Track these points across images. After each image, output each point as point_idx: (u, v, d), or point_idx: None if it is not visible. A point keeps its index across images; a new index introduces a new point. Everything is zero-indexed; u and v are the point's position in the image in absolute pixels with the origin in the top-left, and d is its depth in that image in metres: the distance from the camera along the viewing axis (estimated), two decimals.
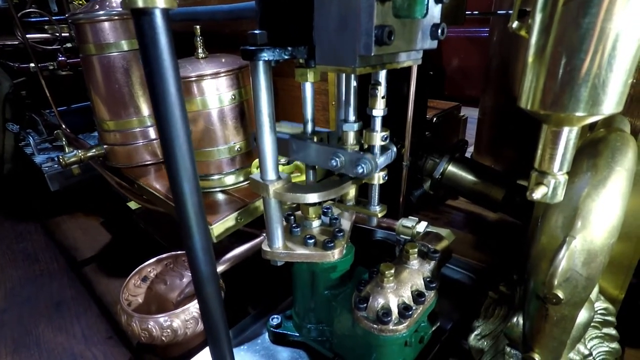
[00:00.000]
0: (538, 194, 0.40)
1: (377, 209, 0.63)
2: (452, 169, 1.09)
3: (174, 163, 0.38)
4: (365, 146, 0.59)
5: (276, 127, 0.55)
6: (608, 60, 0.31)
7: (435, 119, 1.39)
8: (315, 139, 0.60)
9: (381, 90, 0.54)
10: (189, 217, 0.41)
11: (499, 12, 1.26)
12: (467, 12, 1.08)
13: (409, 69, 0.91)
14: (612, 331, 0.67)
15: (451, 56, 2.75)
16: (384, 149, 0.58)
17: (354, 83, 0.57)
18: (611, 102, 0.33)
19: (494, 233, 1.18)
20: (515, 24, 0.41)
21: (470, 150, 1.54)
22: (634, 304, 0.73)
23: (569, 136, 0.37)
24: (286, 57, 0.49)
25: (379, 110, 0.55)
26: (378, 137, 0.56)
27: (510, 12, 0.44)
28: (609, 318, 0.67)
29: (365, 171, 0.54)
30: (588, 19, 0.30)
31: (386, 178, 0.60)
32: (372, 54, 0.42)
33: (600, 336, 0.66)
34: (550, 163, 0.39)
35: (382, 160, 0.56)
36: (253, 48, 0.48)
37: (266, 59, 0.49)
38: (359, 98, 0.59)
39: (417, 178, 1.16)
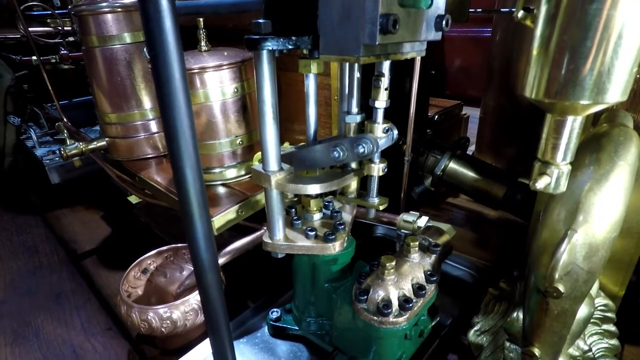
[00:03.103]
0: (541, 183, 0.40)
1: (375, 201, 0.63)
2: (453, 165, 1.09)
3: (177, 149, 0.38)
4: None
5: (280, 151, 0.56)
6: (614, 48, 0.31)
7: (437, 116, 1.40)
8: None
9: (384, 82, 0.54)
10: (191, 204, 0.41)
11: (502, 10, 1.26)
12: (470, 10, 1.08)
13: (411, 66, 0.91)
14: (612, 328, 0.67)
15: (453, 56, 2.75)
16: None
17: (357, 74, 0.57)
18: (616, 91, 0.33)
19: (494, 231, 1.18)
20: (520, 14, 0.41)
21: (471, 149, 1.54)
22: (634, 301, 0.73)
23: (572, 125, 0.37)
24: (290, 46, 0.49)
25: (381, 101, 0.55)
26: (380, 129, 0.56)
27: (514, 10, 0.44)
28: (609, 314, 0.67)
29: (366, 151, 0.53)
30: (595, 6, 0.30)
31: (386, 170, 0.60)
32: (377, 43, 0.42)
33: (600, 332, 0.66)
34: (554, 153, 0.39)
35: (383, 142, 0.56)
36: (257, 37, 0.48)
37: (270, 48, 0.48)
38: (362, 90, 0.59)
39: (418, 175, 1.16)
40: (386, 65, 0.52)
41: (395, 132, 0.59)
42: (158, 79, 0.36)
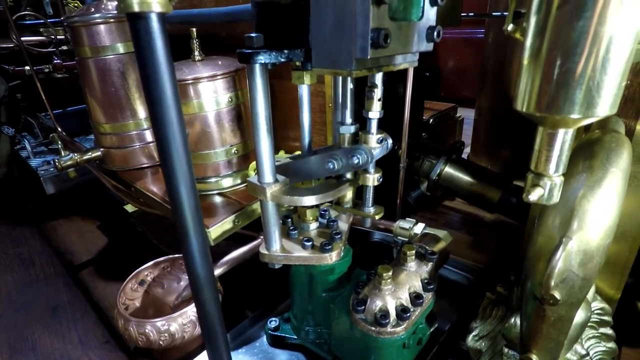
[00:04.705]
0: (534, 195, 0.40)
1: (371, 210, 0.63)
2: (448, 170, 1.10)
3: (171, 167, 0.38)
4: None
5: (275, 160, 0.56)
6: (602, 63, 0.31)
7: (431, 120, 1.40)
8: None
9: (377, 93, 0.54)
10: (186, 221, 0.41)
11: (494, 13, 1.27)
12: (462, 14, 1.08)
13: (405, 71, 0.91)
14: (609, 331, 0.67)
15: (447, 57, 2.76)
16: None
17: (350, 86, 0.57)
18: (606, 105, 0.33)
19: (490, 234, 1.18)
20: (510, 27, 0.41)
21: (466, 151, 1.54)
22: (630, 303, 0.73)
23: (564, 138, 0.37)
24: (282, 60, 0.49)
25: (375, 112, 0.55)
26: (374, 140, 0.56)
27: (506, 13, 0.44)
28: (606, 318, 0.68)
29: (360, 162, 0.54)
30: (582, 22, 0.31)
31: (381, 180, 0.60)
32: (369, 57, 0.42)
33: (597, 336, 0.66)
34: (546, 165, 0.39)
35: (377, 152, 0.56)
36: (249, 51, 0.48)
37: (262, 62, 0.49)
38: (356, 100, 0.59)
39: (414, 179, 1.17)
40: (379, 77, 0.53)
41: (390, 141, 0.59)
42: (150, 99, 0.36)
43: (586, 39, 0.31)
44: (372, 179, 0.59)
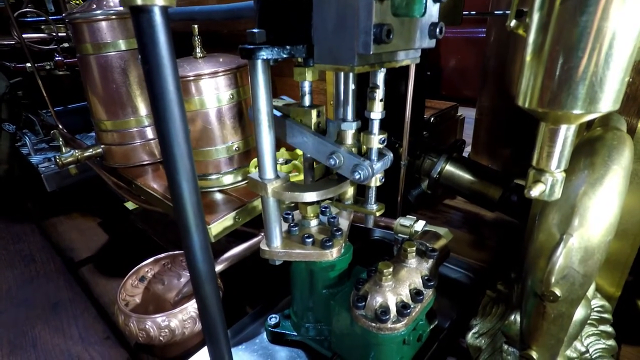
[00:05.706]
0: (536, 191, 0.40)
1: (374, 208, 0.63)
2: (449, 168, 1.10)
3: (173, 162, 0.38)
4: (363, 147, 0.59)
5: (273, 102, 0.55)
6: (605, 58, 0.31)
7: (432, 118, 1.40)
8: (312, 124, 0.59)
9: (379, 94, 0.54)
10: (187, 217, 0.41)
11: (496, 12, 1.27)
12: (464, 13, 1.08)
13: (406, 69, 0.91)
14: (609, 328, 0.67)
15: (448, 56, 2.76)
16: (381, 155, 0.58)
17: (352, 82, 0.57)
18: (608, 100, 0.33)
19: (491, 232, 1.18)
20: (513, 23, 0.41)
21: (467, 150, 1.54)
22: (630, 301, 0.73)
23: (566, 134, 0.37)
24: (285, 56, 0.49)
25: (377, 113, 0.55)
26: (376, 140, 0.56)
27: (508, 12, 0.44)
28: (606, 315, 0.68)
29: (362, 177, 0.54)
30: (585, 18, 0.31)
31: (383, 180, 0.60)
32: (371, 53, 0.42)
33: (597, 333, 0.66)
34: (548, 161, 0.39)
35: (378, 167, 0.57)
36: (251, 47, 0.48)
37: (265, 57, 0.49)
38: (358, 97, 0.59)
39: (414, 177, 1.17)
40: (381, 77, 0.53)
41: (391, 155, 0.59)
42: (153, 93, 0.36)
43: (589, 34, 0.31)
44: (374, 179, 0.59)
